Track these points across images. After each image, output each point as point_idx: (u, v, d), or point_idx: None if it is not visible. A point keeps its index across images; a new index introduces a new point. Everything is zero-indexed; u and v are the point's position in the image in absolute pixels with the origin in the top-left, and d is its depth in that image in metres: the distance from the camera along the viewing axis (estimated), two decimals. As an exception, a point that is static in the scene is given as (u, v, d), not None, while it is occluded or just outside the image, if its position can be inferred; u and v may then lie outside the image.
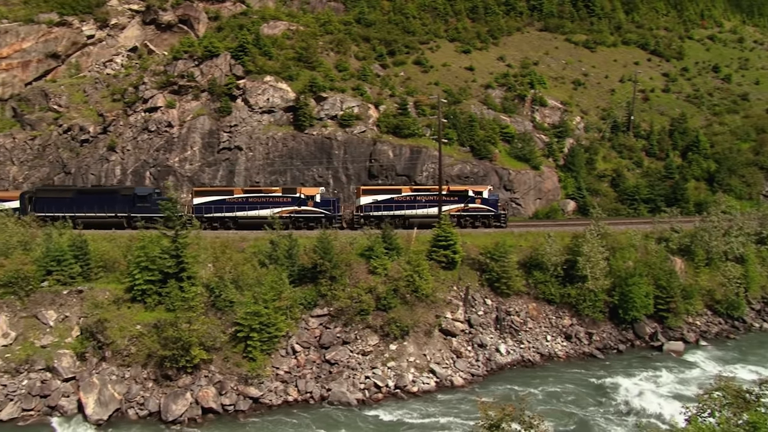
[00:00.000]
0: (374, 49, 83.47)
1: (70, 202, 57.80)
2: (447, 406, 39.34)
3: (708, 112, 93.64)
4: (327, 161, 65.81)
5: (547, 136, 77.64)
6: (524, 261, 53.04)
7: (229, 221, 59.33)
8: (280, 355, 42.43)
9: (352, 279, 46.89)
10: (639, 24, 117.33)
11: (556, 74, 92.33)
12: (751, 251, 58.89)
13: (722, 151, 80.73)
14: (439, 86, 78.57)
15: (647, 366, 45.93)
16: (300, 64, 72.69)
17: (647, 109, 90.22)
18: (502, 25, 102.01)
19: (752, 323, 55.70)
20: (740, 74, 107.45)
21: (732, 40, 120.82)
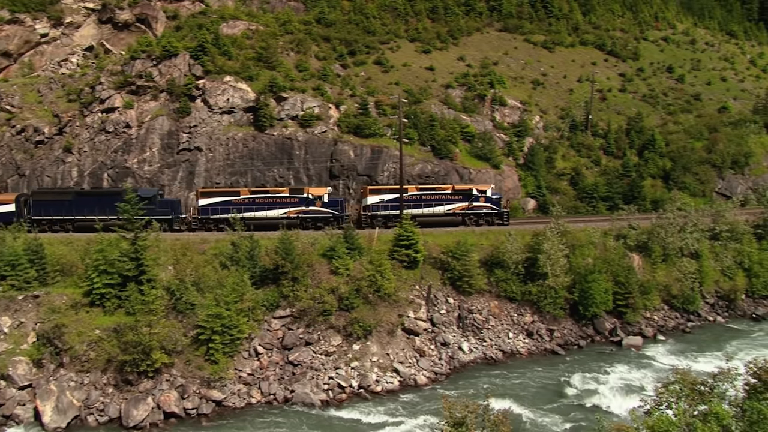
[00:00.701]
0: (335, 49, 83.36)
1: (69, 205, 56.42)
2: (411, 405, 39.61)
3: (663, 112, 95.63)
4: (288, 162, 65.57)
5: (507, 136, 78.43)
6: (486, 259, 53.64)
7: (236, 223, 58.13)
8: (242, 357, 42.25)
9: (314, 279, 46.89)
10: (596, 25, 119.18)
11: (515, 74, 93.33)
12: (705, 247, 60.41)
13: (677, 149, 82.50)
14: (400, 86, 78.81)
15: (607, 361, 46.83)
16: (260, 64, 72.27)
17: (605, 109, 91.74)
18: (461, 25, 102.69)
19: (707, 317, 57.20)
20: (693, 75, 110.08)
21: (684, 42, 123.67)
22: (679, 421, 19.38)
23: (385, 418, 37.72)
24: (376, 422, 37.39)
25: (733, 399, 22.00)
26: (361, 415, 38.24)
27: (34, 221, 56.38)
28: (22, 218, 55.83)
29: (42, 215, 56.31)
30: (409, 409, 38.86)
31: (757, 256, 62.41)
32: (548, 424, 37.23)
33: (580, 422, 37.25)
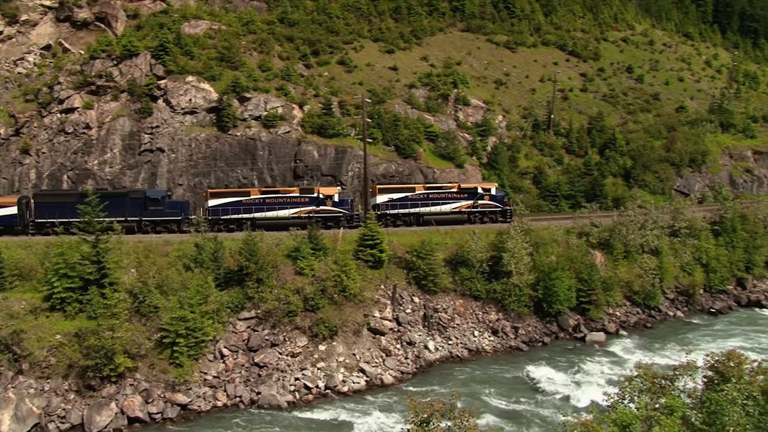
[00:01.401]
0: (298, 49, 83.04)
1: (72, 207, 53.79)
2: (377, 404, 39.68)
3: (623, 111, 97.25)
4: (251, 162, 65.17)
5: (470, 135, 79.02)
6: (450, 258, 53.98)
7: (246, 223, 57.97)
8: (207, 359, 41.88)
9: (279, 280, 46.69)
10: (557, 26, 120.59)
11: (478, 74, 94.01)
12: (665, 243, 61.67)
13: (637, 148, 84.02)
14: (364, 86, 78.84)
15: (571, 357, 47.53)
16: (223, 64, 71.68)
17: (566, 108, 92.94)
18: (425, 25, 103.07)
19: (667, 312, 58.47)
20: (651, 75, 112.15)
21: (643, 43, 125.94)
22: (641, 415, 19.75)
23: (352, 419, 37.73)
24: (343, 423, 37.40)
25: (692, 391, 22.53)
26: (328, 416, 38.21)
27: (37, 224, 55.13)
28: (24, 221, 54.53)
29: (46, 218, 54.83)
30: (375, 409, 38.91)
31: (714, 251, 63.97)
32: (514, 420, 37.62)
33: (545, 418, 37.72)
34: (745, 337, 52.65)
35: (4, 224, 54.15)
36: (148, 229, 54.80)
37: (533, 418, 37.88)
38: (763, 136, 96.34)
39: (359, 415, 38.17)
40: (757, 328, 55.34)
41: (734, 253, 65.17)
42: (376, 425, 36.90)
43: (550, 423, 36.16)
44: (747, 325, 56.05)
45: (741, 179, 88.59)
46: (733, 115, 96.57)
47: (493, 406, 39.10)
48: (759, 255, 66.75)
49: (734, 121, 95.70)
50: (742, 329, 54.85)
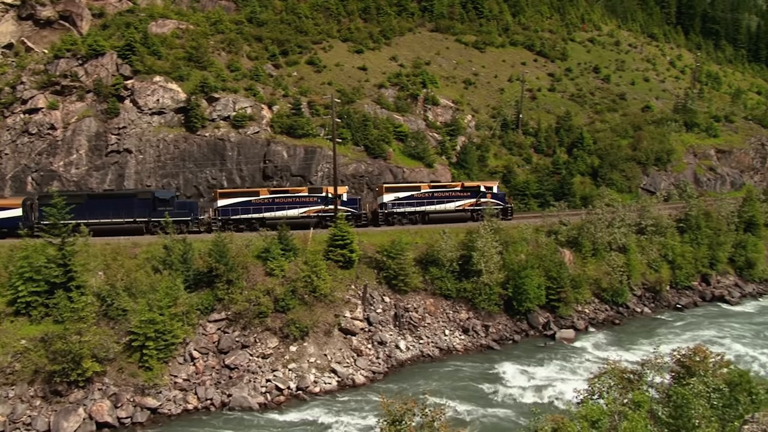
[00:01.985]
0: (267, 49, 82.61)
1: (81, 209, 53.35)
2: (349, 404, 39.67)
3: (590, 111, 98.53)
4: (220, 163, 64.71)
5: (439, 135, 79.37)
6: (421, 258, 54.16)
7: (256, 222, 58.41)
8: (177, 362, 41.48)
9: (249, 281, 46.42)
10: (525, 26, 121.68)
11: (447, 74, 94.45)
12: (632, 241, 62.58)
13: (604, 147, 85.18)
14: (333, 86, 78.74)
15: (541, 354, 47.98)
16: (191, 64, 71.03)
17: (535, 108, 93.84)
18: (394, 25, 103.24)
19: (635, 308, 59.35)
20: (618, 75, 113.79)
21: (609, 43, 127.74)
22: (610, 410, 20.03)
23: (324, 419, 37.67)
24: (315, 423, 37.31)
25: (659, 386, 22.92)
26: (300, 417, 38.10)
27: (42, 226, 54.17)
28: (29, 223, 53.35)
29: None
30: (347, 409, 38.91)
31: (679, 248, 65.11)
32: (485, 417, 37.86)
33: (517, 415, 38.02)
34: (710, 331, 53.69)
35: (8, 227, 53.17)
36: (157, 230, 54.13)
37: (504, 416, 38.17)
38: (726, 136, 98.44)
39: (331, 415, 38.12)
40: (721, 322, 56.45)
41: (699, 249, 66.41)
42: (349, 425, 36.87)
43: (522, 420, 36.45)
44: (711, 320, 57.14)
45: (705, 177, 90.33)
46: (696, 115, 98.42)
47: (464, 405, 39.27)
48: (722, 251, 68.11)
49: (698, 120, 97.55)
50: (706, 324, 55.91)
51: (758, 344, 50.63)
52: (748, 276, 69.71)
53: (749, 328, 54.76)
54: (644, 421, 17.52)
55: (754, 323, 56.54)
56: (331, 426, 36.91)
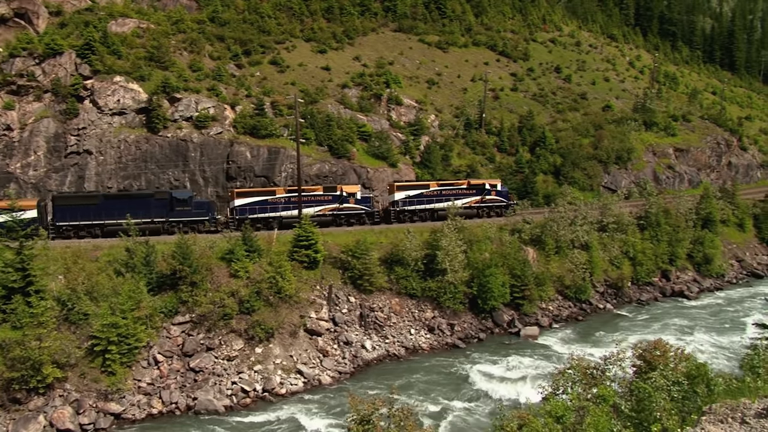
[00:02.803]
0: (229, 49, 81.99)
1: (97, 210, 54.15)
2: (316, 405, 39.59)
3: (552, 110, 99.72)
4: (183, 164, 63.98)
5: (403, 134, 79.57)
6: (385, 257, 54.24)
7: (273, 221, 59.15)
8: (141, 366, 40.91)
9: (213, 283, 46.01)
10: (488, 26, 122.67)
11: (410, 74, 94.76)
12: (594, 238, 63.54)
13: (566, 146, 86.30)
14: (296, 86, 78.45)
15: (506, 352, 48.38)
16: (152, 64, 70.09)
17: (497, 107, 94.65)
18: (357, 25, 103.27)
19: (597, 305, 60.24)
20: (579, 75, 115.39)
21: (570, 44, 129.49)
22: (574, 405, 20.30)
23: (291, 420, 37.53)
24: (282, 424, 37.15)
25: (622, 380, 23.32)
26: (267, 419, 37.89)
27: (58, 227, 53.67)
28: (44, 225, 52.98)
29: (68, 221, 53.58)
30: (314, 410, 38.84)
31: (640, 245, 66.28)
32: (452, 415, 38.10)
33: (483, 412, 38.32)
34: (670, 326, 54.76)
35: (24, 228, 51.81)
36: (174, 230, 54.47)
37: (470, 413, 38.45)
38: (683, 135, 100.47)
39: (298, 416, 38.00)
40: (680, 317, 57.64)
41: (659, 246, 67.70)
42: (316, 425, 36.79)
43: (487, 417, 36.73)
44: (671, 315, 58.30)
45: (664, 175, 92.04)
46: (655, 114, 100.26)
47: (430, 403, 39.45)
48: (681, 248, 69.55)
49: (657, 119, 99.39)
50: (667, 319, 57.04)
51: (715, 337, 51.86)
52: (706, 271, 71.31)
53: (707, 322, 56.04)
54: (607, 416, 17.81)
55: (712, 317, 57.87)
56: (298, 427, 36.79)
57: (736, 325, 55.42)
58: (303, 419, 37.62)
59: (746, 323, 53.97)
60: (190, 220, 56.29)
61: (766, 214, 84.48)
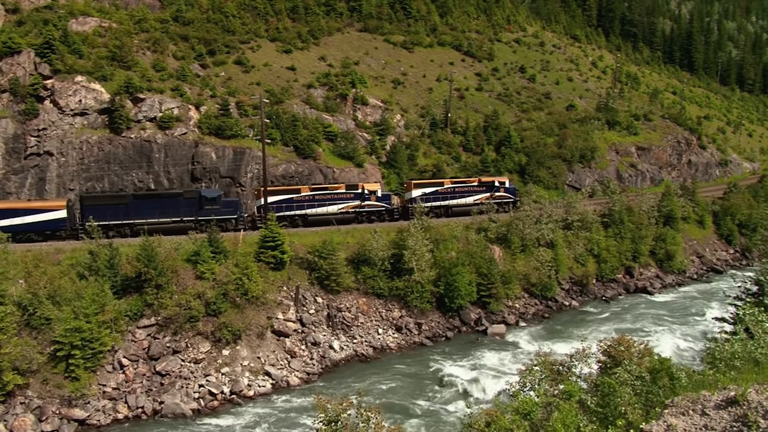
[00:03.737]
0: (193, 49, 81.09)
1: (126, 209, 54.70)
2: (284, 406, 39.42)
3: (517, 110, 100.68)
4: (147, 165, 63.14)
5: (369, 134, 79.58)
6: (352, 257, 54.22)
7: (299, 219, 61.49)
8: (106, 371, 40.29)
9: (179, 286, 45.50)
10: (453, 26, 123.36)
11: (376, 74, 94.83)
12: (559, 236, 64.31)
13: (531, 145, 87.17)
14: (261, 86, 77.98)
15: (474, 350, 48.69)
16: (114, 64, 69.00)
17: (463, 107, 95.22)
18: (322, 25, 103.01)
19: (563, 302, 60.95)
20: (543, 75, 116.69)
21: (534, 44, 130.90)
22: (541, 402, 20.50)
23: (259, 422, 37.31)
24: (250, 427, 36.91)
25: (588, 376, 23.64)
26: (235, 421, 37.62)
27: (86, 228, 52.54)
28: (74, 225, 53.71)
29: (96, 221, 51.77)
30: (283, 411, 38.66)
31: (604, 243, 67.25)
32: (421, 414, 38.22)
33: (451, 411, 38.50)
34: (634, 321, 55.71)
35: (52, 228, 52.26)
36: (203, 229, 54.48)
37: (439, 412, 38.62)
38: (645, 133, 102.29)
39: (266, 417, 37.79)
40: (643, 312, 58.66)
41: (622, 243, 68.78)
42: (284, 427, 36.63)
43: (456, 415, 36.94)
44: (635, 311, 59.29)
45: (627, 173, 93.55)
46: (618, 114, 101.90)
47: (399, 403, 39.55)
48: (644, 245, 70.77)
49: (619, 119, 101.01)
50: (631, 315, 57.99)
51: (678, 332, 52.91)
52: (668, 267, 72.69)
53: (670, 317, 57.12)
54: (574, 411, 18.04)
55: (674, 312, 59.01)
56: (266, 429, 36.58)
57: (697, 319, 56.60)
58: (271, 420, 37.42)
59: (707, 318, 55.07)
60: (219, 219, 56.66)
61: (724, 211, 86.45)
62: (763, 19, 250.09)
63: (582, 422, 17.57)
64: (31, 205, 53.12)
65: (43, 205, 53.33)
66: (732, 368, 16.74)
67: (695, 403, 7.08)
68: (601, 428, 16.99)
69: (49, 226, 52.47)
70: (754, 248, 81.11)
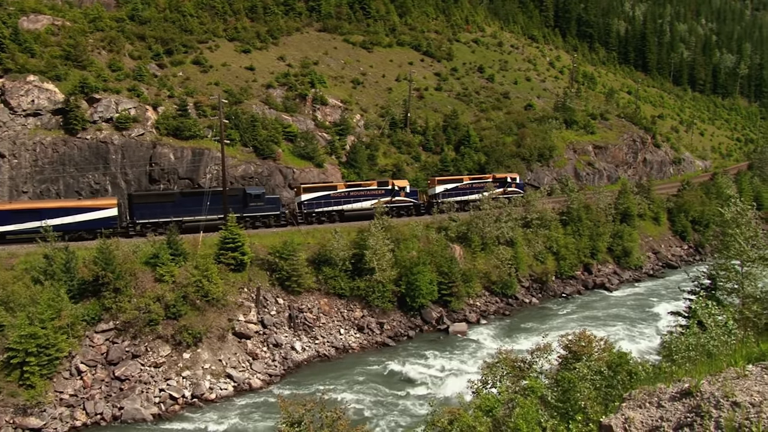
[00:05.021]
0: (150, 48, 79.88)
1: (174, 207, 56.16)
2: (247, 409, 39.12)
3: (476, 109, 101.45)
4: (104, 167, 62.00)
5: (329, 134, 79.40)
6: (313, 258, 54.05)
7: (335, 214, 64.71)
8: (63, 377, 39.42)
9: (138, 289, 44.80)
10: (412, 27, 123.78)
11: (335, 74, 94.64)
12: (519, 234, 65.04)
13: (490, 144, 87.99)
14: (220, 86, 77.20)
15: (436, 348, 48.92)
16: (68, 63, 67.54)
17: (422, 107, 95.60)
18: (281, 25, 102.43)
19: (523, 299, 61.64)
20: (501, 75, 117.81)
21: (493, 44, 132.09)
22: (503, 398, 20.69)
23: (222, 425, 36.96)
24: (212, 430, 36.54)
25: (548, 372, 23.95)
26: (196, 425, 37.20)
27: (137, 225, 55.46)
28: (125, 222, 55.83)
29: (146, 218, 55.26)
30: (245, 414, 38.36)
31: (563, 240, 68.23)
32: (384, 413, 38.28)
33: (414, 409, 38.63)
34: (593, 317, 56.61)
35: (104, 226, 52.34)
36: (247, 225, 58.13)
37: (402, 411, 38.72)
38: (602, 132, 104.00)
39: (229, 421, 37.45)
40: (602, 308, 59.68)
41: (580, 240, 69.87)
42: (247, 430, 36.34)
43: (419, 414, 37.07)
44: (594, 307, 60.30)
45: (584, 172, 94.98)
46: (575, 113, 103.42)
47: (361, 402, 39.56)
48: (602, 242, 71.98)
49: (576, 118, 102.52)
50: (590, 311, 58.94)
51: (635, 326, 53.97)
52: (625, 264, 74.07)
53: (627, 313, 58.22)
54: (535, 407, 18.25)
55: (632, 307, 60.17)
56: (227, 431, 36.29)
57: (653, 314, 57.81)
58: (234, 424, 37.10)
59: (663, 312, 56.27)
60: (263, 215, 59.96)
61: (678, 208, 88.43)
62: (711, 21, 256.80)
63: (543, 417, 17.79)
64: (84, 203, 54.31)
65: (95, 204, 54.52)
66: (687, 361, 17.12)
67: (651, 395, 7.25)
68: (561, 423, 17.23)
69: (101, 224, 53.24)
70: (707, 244, 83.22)
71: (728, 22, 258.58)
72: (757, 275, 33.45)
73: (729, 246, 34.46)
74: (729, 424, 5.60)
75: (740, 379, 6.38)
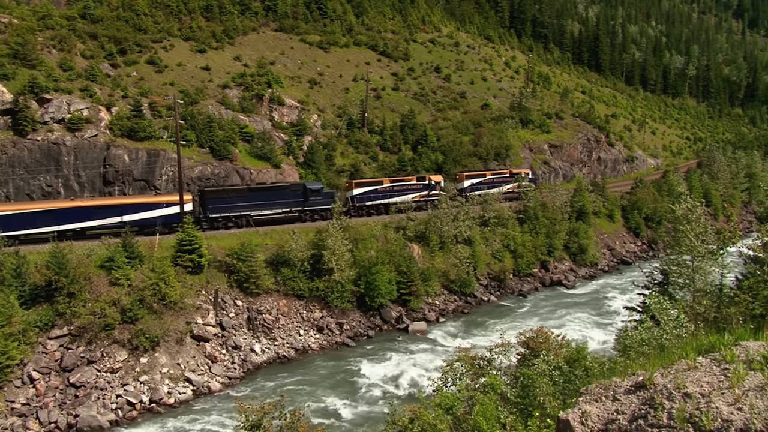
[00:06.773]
0: (103, 48, 78.25)
1: (244, 201, 59.84)
2: (206, 412, 38.70)
3: (433, 109, 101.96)
4: (56, 169, 60.62)
5: (286, 135, 78.96)
6: (271, 259, 53.72)
7: (382, 207, 69.65)
8: (14, 386, 38.41)
9: (93, 293, 43.92)
10: (369, 27, 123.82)
11: (292, 74, 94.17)
12: (476, 233, 65.61)
13: (447, 143, 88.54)
14: (175, 86, 76.09)
15: (396, 348, 49.07)
16: (17, 62, 65.80)
17: (380, 107, 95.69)
18: (237, 24, 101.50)
19: (482, 297, 62.16)
20: (458, 75, 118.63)
21: (449, 44, 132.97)
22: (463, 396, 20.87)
23: (181, 430, 36.49)
24: (170, 435, 36.09)
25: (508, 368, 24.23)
26: (156, 431, 36.65)
27: (209, 219, 58.41)
28: (200, 217, 58.01)
29: (219, 212, 58.73)
30: (205, 417, 37.94)
31: (520, 238, 69.04)
32: (345, 413, 38.28)
33: (375, 408, 38.69)
34: (551, 314, 57.43)
35: (180, 221, 53.28)
36: (307, 218, 63.23)
37: (363, 410, 38.76)
38: (557, 132, 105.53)
39: (188, 425, 37.00)
40: (560, 305, 60.55)
41: (537, 238, 70.79)
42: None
43: (379, 413, 37.13)
44: (552, 304, 61.15)
45: (540, 170, 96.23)
46: (530, 112, 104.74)
47: (322, 403, 39.49)
48: (558, 239, 73.04)
49: (532, 117, 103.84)
50: (548, 307, 59.76)
51: (592, 322, 54.94)
52: (581, 261, 75.29)
53: (584, 309, 59.19)
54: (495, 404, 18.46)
55: (588, 303, 61.22)
56: (187, 437, 35.83)
57: (609, 309, 58.88)
58: (193, 428, 36.67)
59: (618, 308, 57.32)
60: (322, 209, 63.41)
61: (632, 205, 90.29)
62: (661, 24, 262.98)
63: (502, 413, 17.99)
64: (161, 199, 57.40)
65: (171, 200, 56.70)
66: (641, 354, 17.51)
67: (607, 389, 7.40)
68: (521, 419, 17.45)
69: (177, 218, 54.92)
70: (660, 240, 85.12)
71: (677, 25, 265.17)
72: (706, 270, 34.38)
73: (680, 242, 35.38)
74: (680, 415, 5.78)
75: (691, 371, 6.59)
